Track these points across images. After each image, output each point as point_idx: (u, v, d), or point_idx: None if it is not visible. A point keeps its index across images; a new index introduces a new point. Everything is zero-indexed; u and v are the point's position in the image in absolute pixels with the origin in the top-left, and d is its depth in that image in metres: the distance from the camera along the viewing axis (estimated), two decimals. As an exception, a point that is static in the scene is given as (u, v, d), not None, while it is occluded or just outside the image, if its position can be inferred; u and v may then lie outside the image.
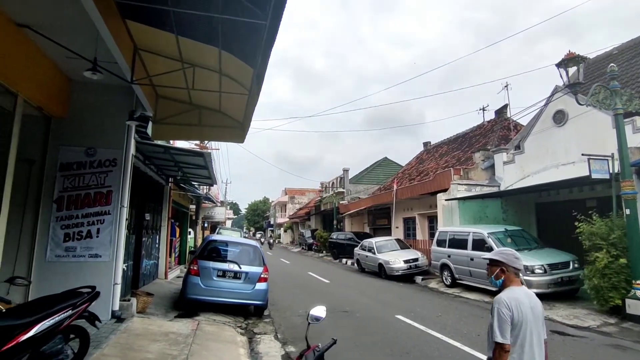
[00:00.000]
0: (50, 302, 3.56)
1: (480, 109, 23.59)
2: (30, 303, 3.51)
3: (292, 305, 9.81)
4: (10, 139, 5.16)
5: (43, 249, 6.02)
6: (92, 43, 4.96)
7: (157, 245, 11.06)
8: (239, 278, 7.93)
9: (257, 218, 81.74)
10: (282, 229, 58.49)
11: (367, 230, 25.86)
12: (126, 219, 6.59)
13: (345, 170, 32.56)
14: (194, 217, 19.16)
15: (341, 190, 31.66)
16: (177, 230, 14.59)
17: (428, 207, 17.59)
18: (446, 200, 14.49)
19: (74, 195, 6.30)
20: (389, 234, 20.57)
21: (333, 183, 35.48)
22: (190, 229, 17.62)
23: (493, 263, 2.45)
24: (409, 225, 20.51)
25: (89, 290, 3.93)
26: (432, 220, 17.76)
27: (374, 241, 16.73)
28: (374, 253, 15.87)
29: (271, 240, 42.44)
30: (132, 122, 6.30)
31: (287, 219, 53.34)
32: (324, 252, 28.42)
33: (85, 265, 6.13)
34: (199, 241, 18.11)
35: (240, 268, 7.93)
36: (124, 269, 6.75)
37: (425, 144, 27.88)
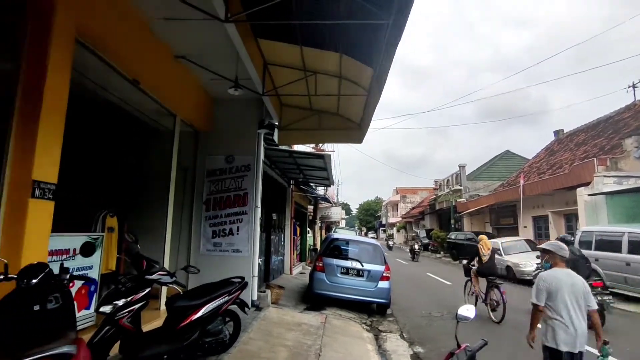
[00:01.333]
0: (212, 289, 4.17)
1: (629, 87, 19.81)
2: (196, 288, 4.15)
3: (414, 305, 9.64)
4: (172, 152, 6.20)
5: (197, 243, 7.06)
6: (231, 64, 5.66)
7: (282, 243, 12.00)
8: (362, 276, 8.12)
9: (369, 218, 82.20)
10: (394, 228, 57.75)
11: (489, 230, 23.88)
12: (260, 219, 7.32)
13: (462, 167, 30.59)
14: (311, 217, 20.26)
15: (458, 187, 29.86)
16: (298, 229, 15.58)
17: (564, 204, 15.46)
18: (589, 195, 12.54)
19: (217, 198, 7.24)
20: (515, 234, 18.67)
21: (448, 180, 33.68)
22: (308, 228, 18.64)
23: (544, 252, 3.49)
24: (540, 225, 18.30)
25: (239, 280, 4.48)
26: (570, 218, 15.55)
27: (499, 242, 15.39)
28: (501, 255, 14.57)
29: (391, 243, 37.57)
30: (262, 130, 7.00)
31: (400, 219, 52.44)
32: (442, 252, 27.17)
33: (229, 259, 6.98)
34: (318, 240, 19.05)
35: (362, 266, 8.12)
36: (259, 264, 7.49)
37: (557, 132, 24.51)
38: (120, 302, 3.34)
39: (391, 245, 36.71)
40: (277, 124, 7.32)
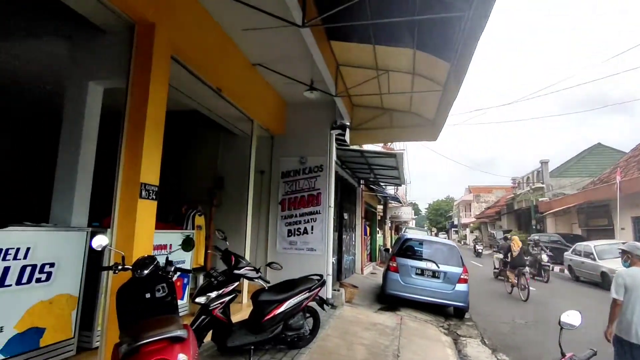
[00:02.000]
0: (293, 285, 4.34)
1: None
2: (279, 284, 4.35)
3: (494, 310, 9.11)
4: (250, 155, 6.55)
5: (274, 241, 7.38)
6: (304, 68, 5.84)
7: (353, 243, 12.04)
8: (438, 277, 7.86)
9: (439, 218, 79.00)
10: (467, 229, 54.83)
11: (577, 231, 21.66)
12: (333, 218, 7.43)
13: (544, 163, 28.07)
14: (380, 217, 20.04)
15: (539, 185, 27.49)
16: (368, 229, 15.52)
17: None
18: None
19: (292, 198, 7.49)
20: (611, 236, 16.74)
21: (528, 178, 31.14)
22: (378, 228, 18.47)
23: (623, 252, 3.80)
24: (642, 226, 16.20)
25: (318, 277, 4.60)
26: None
27: (592, 245, 13.89)
28: (594, 259, 13.17)
29: (480, 248, 27.71)
30: (334, 131, 7.11)
31: (474, 219, 49.66)
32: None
33: (304, 257, 7.18)
34: (388, 240, 18.78)
35: (438, 267, 7.87)
36: (333, 262, 7.61)
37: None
38: (213, 294, 3.62)
39: (480, 250, 27.42)
40: (348, 124, 7.37)
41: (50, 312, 3.22)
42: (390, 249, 11.76)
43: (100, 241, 2.76)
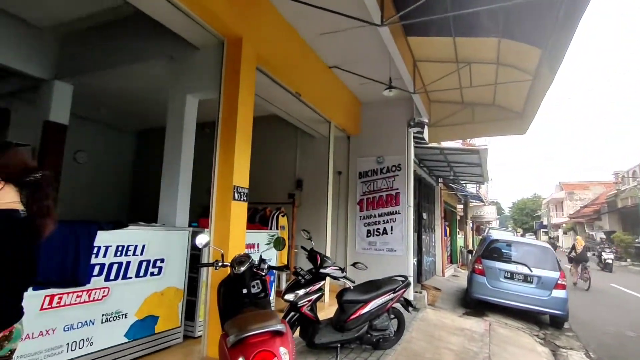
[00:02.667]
0: (377, 285, 4.32)
1: None
2: (363, 284, 4.37)
3: (595, 319, 8.20)
4: (329, 157, 6.67)
5: (353, 242, 7.42)
6: (380, 67, 5.80)
7: (433, 244, 11.63)
8: (530, 282, 7.26)
9: (525, 218, 72.61)
10: (559, 230, 49.67)
11: None
12: (413, 219, 7.26)
13: (656, 153, 24.37)
14: (459, 217, 19.04)
15: (651, 179, 23.95)
16: (448, 229, 14.86)
17: None
18: None
19: (370, 198, 7.46)
20: None
21: (634, 172, 27.32)
22: (458, 229, 17.59)
23: None
24: None
25: (403, 279, 4.53)
26: None
27: None
28: None
29: (610, 259, 18.45)
30: (412, 129, 6.94)
31: (566, 219, 44.85)
32: (629, 260, 22.19)
33: (384, 258, 7.11)
34: (469, 241, 17.80)
35: (531, 271, 7.26)
36: (414, 263, 7.43)
37: None
38: (301, 292, 3.75)
39: (609, 260, 18.58)
40: (426, 121, 7.15)
41: (162, 303, 3.61)
42: (474, 251, 11.12)
43: (203, 239, 3.01)
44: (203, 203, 4.44)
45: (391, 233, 7.14)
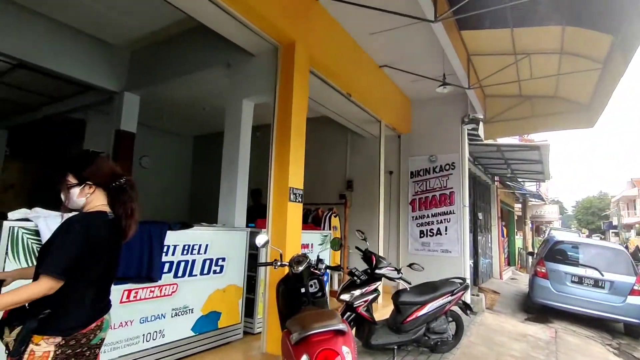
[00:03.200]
0: (434, 287, 4.22)
1: None
2: (419, 285, 4.28)
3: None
4: (380, 156, 6.62)
5: (405, 242, 7.29)
6: (431, 64, 5.67)
7: (489, 245, 11.12)
8: (602, 287, 6.72)
9: (590, 217, 66.98)
10: (632, 231, 45.33)
11: None
12: (468, 219, 6.99)
13: None
14: (517, 217, 18.00)
15: None
16: (505, 230, 14.14)
17: None
18: None
19: (423, 198, 7.29)
20: None
21: None
22: (516, 229, 16.67)
23: None
24: None
25: (461, 281, 4.39)
26: None
27: None
28: None
29: None
30: (467, 125, 6.69)
31: (641, 219, 40.84)
32: None
33: (439, 259, 6.91)
34: (529, 242, 16.80)
35: (602, 275, 6.71)
36: (470, 265, 7.16)
37: None
38: (357, 292, 3.75)
39: None
40: (482, 117, 6.85)
41: (224, 300, 3.79)
42: (536, 253, 10.48)
43: (262, 239, 3.12)
44: (247, 204, 4.61)
45: (445, 233, 6.94)
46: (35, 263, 2.35)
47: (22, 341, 1.55)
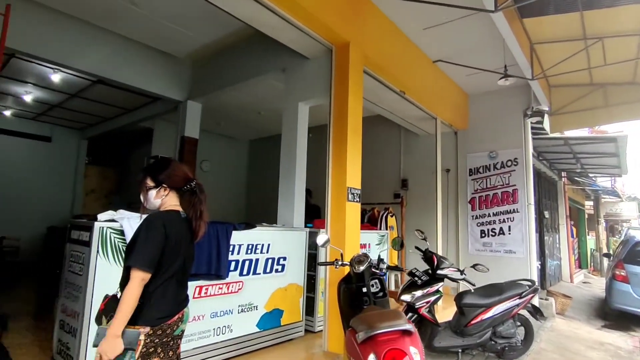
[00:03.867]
0: (499, 289, 4.03)
1: None
2: (484, 287, 4.10)
3: None
4: (436, 154, 6.45)
5: (465, 242, 7.02)
6: (489, 56, 5.43)
7: (557, 246, 10.36)
8: (693, 292, 6.01)
9: (676, 215, 60.07)
10: None
11: None
12: (535, 218, 6.58)
13: None
14: (587, 216, 16.54)
15: None
16: (574, 230, 13.10)
17: None
18: None
19: (483, 196, 6.97)
20: None
21: None
22: (587, 229, 15.37)
23: None
24: None
25: (530, 283, 4.14)
26: None
27: None
28: None
29: None
30: (531, 119, 6.30)
31: None
32: None
33: (502, 260, 6.57)
34: (603, 243, 15.42)
35: (695, 279, 6.01)
36: (537, 267, 6.72)
37: None
38: (418, 293, 3.68)
39: None
40: (547, 109, 6.41)
41: (286, 298, 3.90)
42: (613, 254, 9.60)
43: (323, 238, 3.17)
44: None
45: (509, 233, 6.58)
46: (122, 259, 2.59)
47: None
